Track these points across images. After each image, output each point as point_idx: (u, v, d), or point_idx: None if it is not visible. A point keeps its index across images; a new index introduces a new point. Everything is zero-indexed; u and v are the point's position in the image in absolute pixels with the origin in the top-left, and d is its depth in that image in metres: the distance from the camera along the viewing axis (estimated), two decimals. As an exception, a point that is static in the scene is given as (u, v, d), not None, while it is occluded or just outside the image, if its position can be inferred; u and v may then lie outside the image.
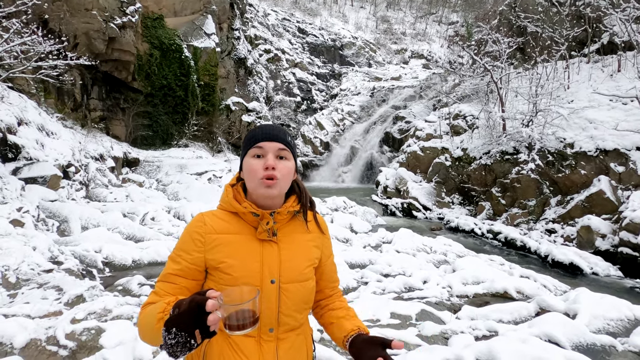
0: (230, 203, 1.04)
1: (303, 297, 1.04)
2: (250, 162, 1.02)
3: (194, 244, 0.99)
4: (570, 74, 13.19)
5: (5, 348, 2.50)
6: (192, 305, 0.76)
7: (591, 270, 7.36)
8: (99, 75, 14.27)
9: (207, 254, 0.99)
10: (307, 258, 1.08)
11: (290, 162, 1.06)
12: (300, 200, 1.11)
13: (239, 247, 1.00)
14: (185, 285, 0.98)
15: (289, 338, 1.04)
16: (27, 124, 8.94)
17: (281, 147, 1.03)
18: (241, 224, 1.03)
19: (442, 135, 14.83)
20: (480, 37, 18.10)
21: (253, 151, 1.03)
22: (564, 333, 2.79)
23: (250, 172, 1.01)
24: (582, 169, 9.68)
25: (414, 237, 7.62)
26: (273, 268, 1.00)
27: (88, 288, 4.05)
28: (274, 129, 1.06)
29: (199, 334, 0.75)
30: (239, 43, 23.14)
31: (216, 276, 0.99)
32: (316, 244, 1.12)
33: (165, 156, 14.72)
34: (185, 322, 0.75)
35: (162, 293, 0.96)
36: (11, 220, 5.77)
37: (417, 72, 34.78)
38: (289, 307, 1.01)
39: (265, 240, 1.02)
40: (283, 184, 1.03)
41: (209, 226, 1.01)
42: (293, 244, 1.06)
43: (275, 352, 1.00)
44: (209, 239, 1.00)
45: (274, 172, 0.99)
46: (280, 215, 1.04)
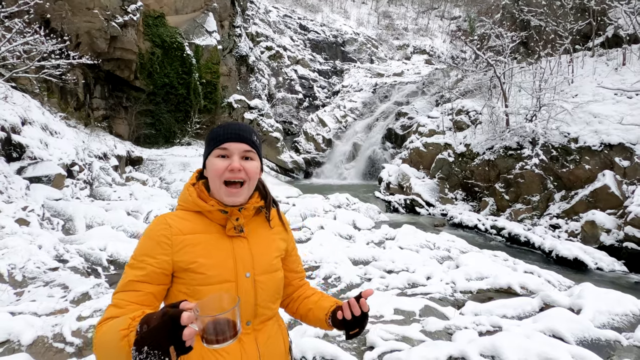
0: (195, 202, 1.02)
1: (275, 287, 1.07)
2: (215, 162, 1.00)
3: (160, 247, 0.95)
4: (575, 68, 13.07)
5: (13, 345, 2.53)
6: (165, 319, 0.69)
7: (596, 266, 7.33)
8: (102, 74, 14.31)
9: (175, 256, 0.95)
10: (275, 249, 1.10)
11: (256, 162, 1.05)
12: (265, 198, 1.12)
13: (209, 246, 0.98)
14: (151, 291, 0.93)
15: (266, 328, 1.06)
16: (30, 124, 8.99)
17: (247, 149, 1.02)
18: (207, 223, 1.02)
19: (445, 131, 14.76)
20: (483, 32, 17.96)
21: (217, 152, 1.01)
22: (568, 328, 2.79)
23: (215, 172, 1.00)
24: (586, 164, 9.61)
25: (417, 234, 7.61)
26: (246, 262, 1.01)
27: (93, 286, 4.08)
28: (239, 128, 1.03)
29: (173, 351, 0.69)
30: (240, 40, 23.10)
31: (186, 278, 0.96)
32: (281, 237, 1.15)
33: (168, 154, 14.77)
34: (157, 338, 0.68)
35: (123, 304, 0.89)
36: (17, 219, 5.82)
37: (420, 67, 34.59)
38: (264, 299, 1.03)
39: (234, 237, 1.02)
40: (250, 185, 1.03)
41: (175, 228, 0.98)
42: (260, 237, 1.08)
43: (255, 343, 1.02)
44: (176, 241, 0.96)
45: (239, 174, 0.99)
46: (246, 211, 1.05)
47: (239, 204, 1.02)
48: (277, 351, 1.08)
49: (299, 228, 7.92)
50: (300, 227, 8.01)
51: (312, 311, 1.15)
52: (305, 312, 1.17)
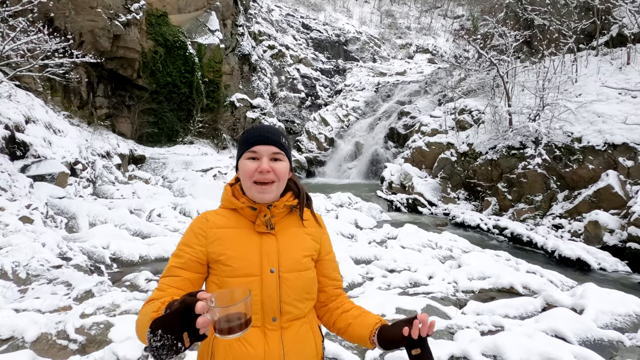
0: (229, 200, 1.09)
1: (303, 286, 1.07)
2: (245, 164, 1.06)
3: (196, 238, 1.04)
4: (578, 67, 13.00)
5: (17, 342, 2.55)
6: (181, 306, 0.74)
7: (599, 266, 7.30)
8: (105, 73, 14.36)
9: (209, 247, 1.03)
10: (304, 248, 1.10)
11: (285, 162, 1.09)
12: (298, 196, 1.14)
13: (238, 240, 1.04)
14: (188, 277, 1.01)
15: (294, 327, 1.05)
16: (34, 122, 9.04)
17: (275, 151, 1.06)
18: (240, 219, 1.08)
19: (448, 130, 14.72)
20: (486, 31, 17.89)
21: (248, 154, 1.06)
22: (570, 328, 2.78)
23: (245, 174, 1.05)
24: (590, 164, 9.57)
25: (419, 233, 7.60)
26: (272, 258, 1.04)
27: (96, 283, 4.11)
28: (268, 131, 1.08)
29: (187, 337, 0.72)
30: (242, 39, 23.11)
31: (217, 269, 1.03)
32: (313, 238, 1.14)
33: (170, 153, 14.82)
34: (172, 323, 0.72)
35: (164, 287, 0.99)
36: (20, 217, 5.86)
37: (422, 66, 34.49)
38: (289, 296, 1.04)
39: (264, 233, 1.06)
40: (279, 185, 1.07)
41: (211, 222, 1.07)
42: (290, 235, 1.10)
43: (280, 340, 1.02)
44: (210, 233, 1.05)
45: (268, 175, 1.03)
46: (276, 209, 1.08)
47: (269, 201, 1.06)
48: (305, 352, 1.07)
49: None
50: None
51: (353, 327, 1.11)
52: (344, 326, 1.14)
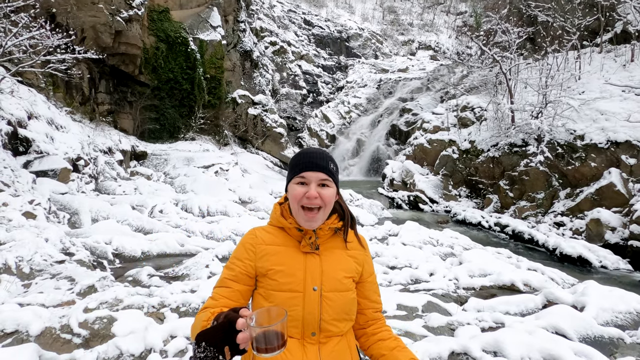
0: (277, 219, 1.16)
1: (343, 306, 1.11)
2: (295, 188, 1.11)
3: (246, 253, 1.12)
4: (582, 65, 12.92)
5: (21, 336, 2.58)
6: (224, 321, 0.80)
7: (600, 264, 7.30)
8: (106, 69, 14.35)
9: (258, 262, 1.10)
10: (346, 269, 1.14)
11: (332, 189, 1.12)
12: (343, 218, 1.19)
13: (284, 257, 1.10)
14: (238, 289, 1.09)
15: (331, 343, 1.10)
16: (37, 118, 9.06)
17: (323, 177, 1.10)
18: (287, 238, 1.14)
19: (450, 127, 14.69)
20: (489, 27, 17.78)
21: (297, 179, 1.11)
22: (571, 325, 2.79)
23: (294, 197, 1.10)
24: (592, 162, 9.54)
25: (421, 230, 7.61)
26: (315, 277, 1.09)
27: (99, 278, 4.14)
28: (317, 157, 1.12)
29: (228, 351, 0.77)
30: (244, 35, 23.04)
31: (264, 282, 1.09)
32: (356, 260, 1.18)
33: (172, 149, 14.83)
34: (215, 337, 0.78)
35: (217, 297, 1.06)
36: (24, 213, 5.89)
37: (425, 63, 34.35)
38: (330, 315, 1.08)
39: (309, 253, 1.11)
40: (325, 210, 1.11)
41: (259, 238, 1.14)
42: (334, 256, 1.14)
43: (317, 353, 1.06)
44: (259, 249, 1.11)
45: (316, 201, 1.07)
46: (322, 232, 1.13)
47: (314, 227, 1.11)
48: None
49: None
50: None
51: (386, 358, 1.13)
52: (377, 355, 1.16)
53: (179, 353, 2.57)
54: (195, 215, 8.60)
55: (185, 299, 3.48)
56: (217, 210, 8.88)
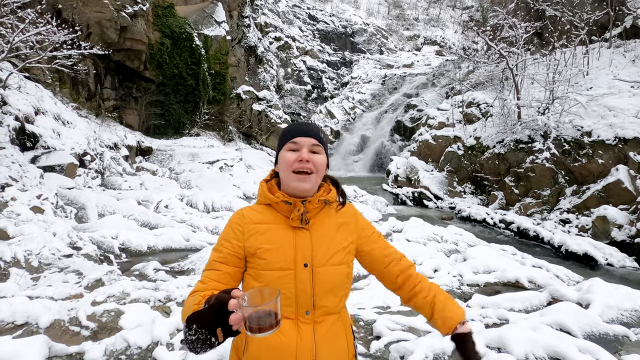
0: (265, 195, 1.12)
1: (337, 281, 1.08)
2: (286, 155, 1.09)
3: (233, 233, 1.09)
4: (590, 60, 12.75)
5: (31, 327, 2.63)
6: (215, 303, 0.78)
7: (606, 261, 7.25)
8: (112, 64, 14.42)
9: (246, 242, 1.07)
10: (338, 243, 1.11)
11: (322, 156, 1.12)
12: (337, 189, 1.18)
13: (273, 235, 1.07)
14: (228, 271, 1.06)
15: (326, 322, 1.08)
16: (43, 114, 9.14)
17: (315, 143, 1.10)
18: (275, 215, 1.11)
19: (455, 123, 14.59)
20: (496, 22, 17.56)
21: (288, 146, 1.10)
22: (576, 322, 2.78)
23: (285, 163, 1.09)
24: (599, 158, 9.44)
25: (425, 226, 7.59)
26: (305, 253, 1.06)
27: (106, 272, 4.19)
28: (308, 125, 1.14)
29: (221, 332, 0.76)
30: (249, 31, 22.99)
31: (253, 262, 1.06)
32: (349, 230, 1.15)
33: (177, 145, 14.90)
34: (206, 319, 0.76)
35: (206, 280, 1.03)
36: (32, 207, 5.97)
37: (430, 59, 34.06)
38: (323, 290, 1.06)
39: (298, 228, 1.08)
40: (317, 177, 1.10)
41: (247, 217, 1.11)
42: (323, 230, 1.11)
43: (312, 333, 1.05)
44: (247, 229, 1.08)
45: (308, 164, 1.06)
46: (311, 204, 1.09)
47: (306, 192, 1.08)
48: (337, 349, 1.09)
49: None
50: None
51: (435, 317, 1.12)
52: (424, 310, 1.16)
53: (185, 346, 2.61)
54: (200, 210, 8.66)
55: (191, 293, 3.52)
56: (222, 205, 8.93)
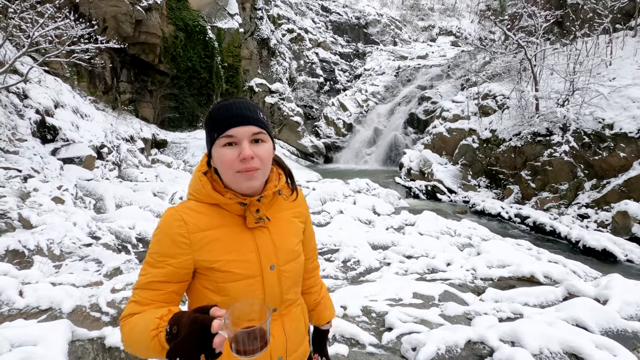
0: (209, 195, 0.93)
1: (299, 272, 1.06)
2: (222, 152, 0.89)
3: (178, 248, 0.89)
4: (614, 49, 12.26)
5: (55, 312, 2.74)
6: (195, 327, 0.69)
7: (625, 258, 7.07)
8: (127, 58, 14.64)
9: (196, 255, 0.90)
10: (296, 234, 1.06)
11: (268, 143, 0.94)
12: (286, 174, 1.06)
13: (229, 241, 0.92)
14: (173, 290, 0.90)
15: (291, 312, 1.06)
16: (62, 107, 9.38)
17: (256, 131, 0.90)
18: (224, 215, 0.94)
19: (470, 116, 14.32)
20: (514, 11, 17.04)
21: (223, 140, 0.89)
22: (592, 318, 2.73)
23: (225, 164, 0.90)
24: (621, 152, 9.14)
25: (438, 220, 7.53)
26: (270, 254, 0.96)
27: (124, 261, 4.32)
28: (242, 107, 0.91)
29: (203, 358, 0.69)
30: (262, 23, 22.93)
31: (210, 275, 0.91)
32: (300, 219, 1.09)
33: (191, 138, 15.10)
34: (188, 348, 0.68)
35: (144, 302, 0.87)
36: (53, 198, 6.16)
37: (445, 50, 33.34)
38: (288, 286, 1.01)
39: (255, 228, 0.95)
40: (265, 170, 0.94)
41: (191, 224, 0.90)
42: (281, 223, 1.01)
43: (282, 328, 1.01)
44: (195, 239, 0.90)
45: (253, 162, 0.88)
46: (265, 199, 0.97)
47: (257, 188, 0.94)
48: (299, 333, 1.09)
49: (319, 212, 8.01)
50: (319, 210, 8.10)
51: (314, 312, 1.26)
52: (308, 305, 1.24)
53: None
54: (214, 202, 8.79)
55: (206, 283, 3.60)
56: (235, 197, 9.03)
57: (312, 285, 1.25)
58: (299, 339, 1.08)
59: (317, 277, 1.27)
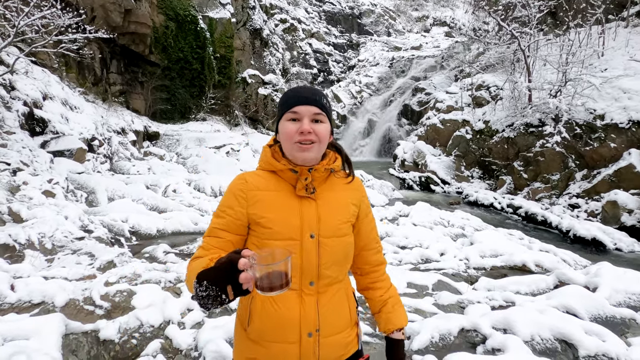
0: (269, 162, 1.07)
1: (342, 251, 1.07)
2: (286, 125, 1.03)
3: (236, 200, 1.04)
4: (606, 40, 12.32)
5: (47, 306, 2.71)
6: (226, 261, 0.79)
7: (614, 246, 7.20)
8: (117, 49, 14.33)
9: (249, 208, 1.03)
10: (344, 214, 1.09)
11: (326, 124, 1.05)
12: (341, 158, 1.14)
13: (278, 203, 1.03)
14: (230, 239, 1.04)
15: (329, 291, 1.07)
16: (51, 99, 9.18)
17: (316, 112, 1.03)
18: (280, 182, 1.07)
19: (464, 107, 14.36)
20: (508, 1, 16.99)
21: (288, 115, 1.03)
22: (582, 305, 2.79)
23: (286, 135, 1.03)
24: (611, 142, 9.25)
25: (432, 211, 7.59)
26: (312, 223, 1.03)
27: (118, 255, 4.28)
28: (308, 91, 1.05)
29: (231, 290, 0.77)
30: (254, 13, 22.57)
31: (257, 231, 1.03)
32: (353, 202, 1.13)
33: (184, 130, 14.92)
34: (217, 276, 0.78)
35: (208, 247, 1.02)
36: (43, 191, 6.08)
37: (439, 40, 33.25)
38: (328, 261, 1.04)
39: (304, 197, 1.05)
40: (320, 147, 1.04)
41: (250, 183, 1.06)
42: (330, 200, 1.08)
43: (315, 304, 1.04)
44: (251, 195, 1.04)
45: (310, 136, 1.00)
46: (317, 173, 1.05)
47: (310, 161, 1.04)
48: (340, 319, 1.09)
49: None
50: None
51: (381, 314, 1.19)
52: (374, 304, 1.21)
53: (196, 325, 2.68)
54: (207, 194, 8.74)
55: (201, 275, 3.59)
56: (229, 190, 8.99)
57: (377, 280, 1.21)
58: (337, 323, 1.08)
59: (382, 272, 1.23)
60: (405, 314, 1.20)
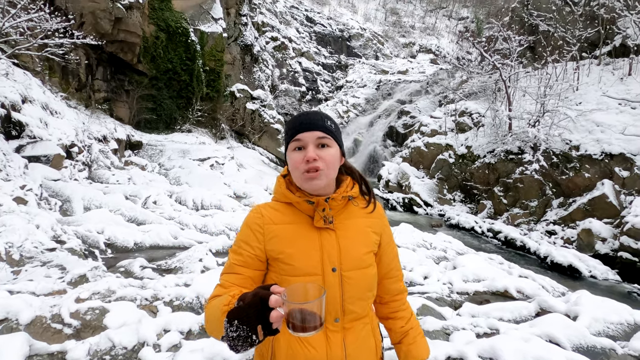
0: (283, 194, 1.03)
1: (366, 284, 1.03)
2: (292, 155, 0.99)
3: (253, 235, 1.01)
4: (580, 76, 13.05)
5: (11, 324, 2.52)
6: (255, 299, 0.74)
7: (589, 273, 7.40)
8: (104, 55, 14.14)
9: (267, 244, 1.00)
10: (366, 244, 1.04)
11: (333, 148, 1.00)
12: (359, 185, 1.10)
13: (297, 237, 0.99)
14: (249, 275, 0.99)
15: (355, 328, 1.02)
16: (31, 102, 8.89)
17: (320, 136, 0.98)
18: (297, 214, 1.02)
19: (447, 131, 14.76)
20: (490, 34, 17.88)
21: (293, 144, 0.99)
22: (565, 334, 2.81)
23: (293, 166, 0.99)
24: (586, 172, 9.65)
25: (415, 233, 7.62)
26: (333, 256, 0.99)
27: (91, 268, 4.07)
28: (311, 116, 1.01)
29: (261, 330, 0.72)
30: (246, 29, 22.86)
31: (277, 267, 0.99)
32: (375, 230, 1.08)
33: (168, 140, 14.68)
34: (247, 315, 0.73)
35: (227, 285, 0.97)
36: (14, 198, 5.78)
37: (425, 66, 34.46)
38: (352, 295, 1.00)
39: (323, 228, 1.00)
40: (328, 172, 0.99)
41: (267, 217, 1.02)
42: (350, 230, 1.03)
43: (342, 342, 0.99)
44: (268, 230, 1.00)
45: (315, 163, 0.96)
46: (334, 202, 1.01)
47: (321, 190, 1.00)
48: (366, 354, 1.05)
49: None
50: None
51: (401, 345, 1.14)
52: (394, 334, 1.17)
53: (173, 347, 2.54)
54: (189, 208, 8.52)
55: (179, 293, 3.44)
56: (212, 203, 8.81)
57: (397, 309, 1.16)
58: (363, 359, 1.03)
59: (403, 301, 1.18)
60: (426, 346, 1.16)
